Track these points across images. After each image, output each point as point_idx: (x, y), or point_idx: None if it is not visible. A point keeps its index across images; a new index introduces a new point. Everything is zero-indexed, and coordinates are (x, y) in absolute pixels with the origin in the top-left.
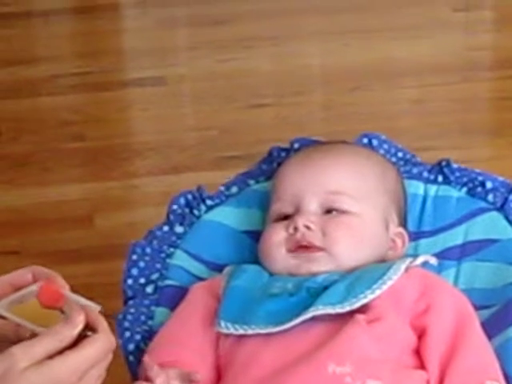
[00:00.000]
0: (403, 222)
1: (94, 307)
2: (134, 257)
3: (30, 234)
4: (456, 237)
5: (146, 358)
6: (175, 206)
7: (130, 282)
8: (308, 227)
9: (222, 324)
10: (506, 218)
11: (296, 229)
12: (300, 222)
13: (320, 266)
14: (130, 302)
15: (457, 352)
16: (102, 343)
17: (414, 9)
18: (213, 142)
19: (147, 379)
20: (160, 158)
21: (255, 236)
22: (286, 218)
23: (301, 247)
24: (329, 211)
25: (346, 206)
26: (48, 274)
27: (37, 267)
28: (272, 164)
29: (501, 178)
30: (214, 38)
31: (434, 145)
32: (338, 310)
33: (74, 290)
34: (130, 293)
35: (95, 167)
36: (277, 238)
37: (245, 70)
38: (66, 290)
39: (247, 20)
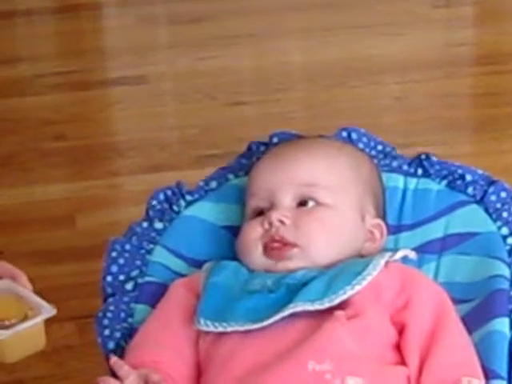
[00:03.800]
0: (381, 214)
1: (50, 309)
2: (114, 254)
3: (13, 234)
4: (436, 230)
5: (114, 358)
6: (154, 202)
7: (109, 279)
8: (282, 222)
9: (202, 321)
10: (486, 210)
11: (271, 224)
12: (274, 216)
13: (295, 262)
14: (110, 300)
15: (434, 348)
16: None
17: (394, 5)
18: (194, 141)
19: (116, 377)
20: (141, 156)
21: (235, 231)
22: (262, 213)
23: (275, 241)
24: (302, 203)
25: (320, 197)
26: (13, 271)
27: (4, 264)
28: (251, 158)
29: (480, 171)
30: (194, 36)
31: (417, 141)
32: (317, 306)
33: (55, 289)
34: (109, 290)
35: (77, 167)
36: (253, 234)
37: (225, 68)
38: (27, 289)
39: (227, 18)
